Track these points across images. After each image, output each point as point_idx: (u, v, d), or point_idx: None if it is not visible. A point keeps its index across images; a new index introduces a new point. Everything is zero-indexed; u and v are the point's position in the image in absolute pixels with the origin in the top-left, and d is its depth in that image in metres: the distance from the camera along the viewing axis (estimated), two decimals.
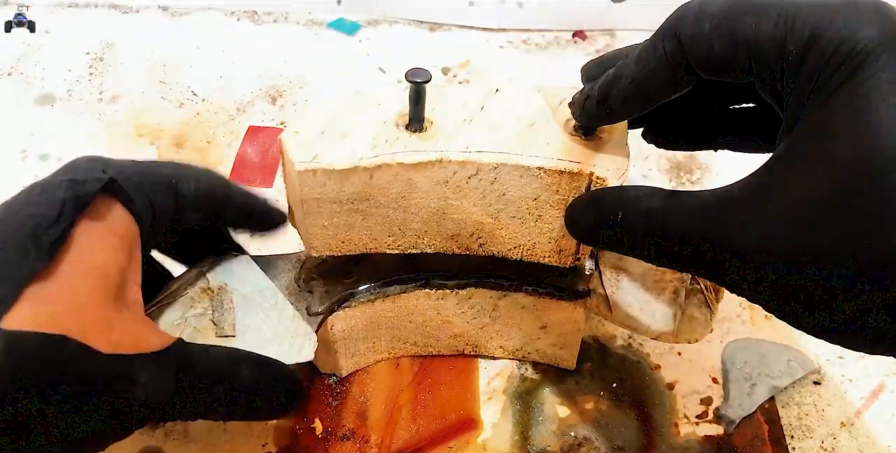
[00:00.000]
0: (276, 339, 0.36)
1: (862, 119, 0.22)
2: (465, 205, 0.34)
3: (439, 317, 0.41)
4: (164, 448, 0.40)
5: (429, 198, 0.34)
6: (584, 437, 0.41)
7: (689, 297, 0.36)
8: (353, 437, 0.40)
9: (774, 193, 0.24)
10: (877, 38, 0.23)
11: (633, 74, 0.28)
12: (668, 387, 0.43)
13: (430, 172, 0.32)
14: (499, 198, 0.34)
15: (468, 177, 0.33)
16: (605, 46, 0.65)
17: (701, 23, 0.26)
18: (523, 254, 0.36)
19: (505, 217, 0.34)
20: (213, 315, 0.36)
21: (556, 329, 0.41)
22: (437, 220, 0.35)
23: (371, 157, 0.32)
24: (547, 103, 0.35)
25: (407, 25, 0.67)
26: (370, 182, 0.32)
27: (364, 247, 0.36)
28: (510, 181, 0.33)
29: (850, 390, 0.43)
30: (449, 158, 0.32)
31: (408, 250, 0.36)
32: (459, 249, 0.37)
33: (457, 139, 0.33)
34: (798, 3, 0.25)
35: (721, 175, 0.54)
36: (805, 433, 0.41)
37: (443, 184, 0.33)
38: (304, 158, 0.31)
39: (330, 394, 0.42)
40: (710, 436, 0.41)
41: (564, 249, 0.35)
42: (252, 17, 0.67)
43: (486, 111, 0.34)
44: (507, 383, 0.43)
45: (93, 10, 0.67)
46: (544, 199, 0.33)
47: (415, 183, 0.33)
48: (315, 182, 0.32)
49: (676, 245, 0.27)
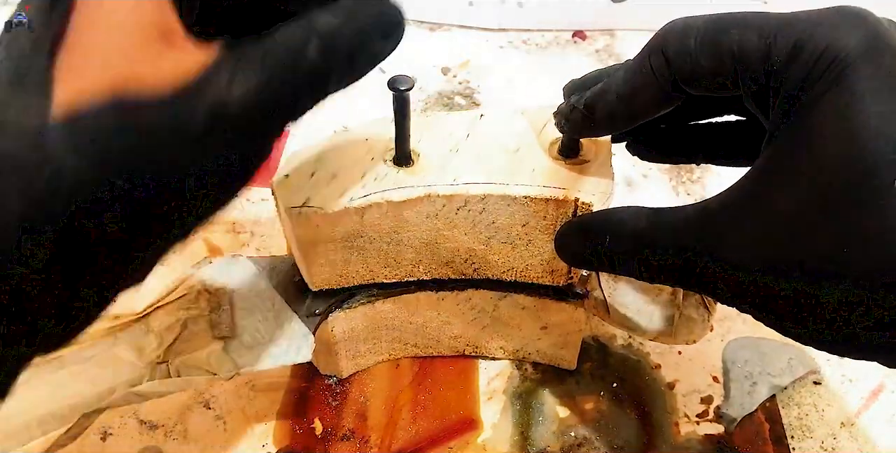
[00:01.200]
0: (273, 340, 0.36)
1: (848, 125, 0.22)
2: (456, 235, 0.35)
3: (439, 318, 0.41)
4: (164, 448, 0.40)
5: (420, 230, 0.34)
6: (585, 437, 0.40)
7: (686, 298, 0.36)
8: (353, 437, 0.40)
9: (761, 203, 0.24)
10: (860, 45, 0.23)
11: (619, 90, 0.28)
12: (668, 387, 0.43)
13: (419, 207, 0.33)
14: (488, 226, 0.34)
15: (457, 209, 0.33)
16: (605, 46, 0.65)
17: (686, 38, 0.26)
18: (517, 275, 0.37)
19: (496, 243, 0.35)
20: (210, 315, 0.36)
21: (557, 329, 0.41)
22: (430, 250, 0.35)
23: (361, 198, 0.32)
24: (531, 126, 0.35)
25: (407, 25, 0.67)
26: (362, 221, 0.33)
27: (362, 279, 0.37)
28: (498, 210, 0.33)
29: (850, 390, 0.43)
30: (437, 193, 0.33)
31: (405, 278, 0.37)
32: (455, 274, 0.37)
33: (444, 172, 0.33)
34: (782, 15, 0.25)
35: (722, 175, 0.54)
36: (805, 433, 0.41)
37: (433, 217, 0.34)
38: (295, 203, 0.32)
39: (330, 395, 0.42)
40: (711, 435, 0.41)
41: (557, 270, 0.36)
42: None
43: (472, 139, 0.35)
44: (507, 383, 0.43)
45: None
46: (533, 225, 0.34)
47: (405, 218, 0.33)
48: (308, 225, 0.33)
49: (665, 261, 0.27)
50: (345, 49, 0.24)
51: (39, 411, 0.32)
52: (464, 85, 0.61)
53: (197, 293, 0.36)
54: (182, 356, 0.35)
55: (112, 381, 0.34)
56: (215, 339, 0.35)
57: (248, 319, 0.36)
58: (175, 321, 0.35)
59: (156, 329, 0.35)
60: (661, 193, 0.53)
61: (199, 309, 0.36)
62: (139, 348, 0.35)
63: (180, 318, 0.35)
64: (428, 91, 0.60)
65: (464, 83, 0.61)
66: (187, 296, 0.36)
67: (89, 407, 0.33)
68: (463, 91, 0.60)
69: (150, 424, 0.40)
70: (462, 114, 0.37)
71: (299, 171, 0.33)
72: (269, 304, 0.37)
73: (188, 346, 0.35)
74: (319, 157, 0.34)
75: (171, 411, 0.41)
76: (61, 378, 0.34)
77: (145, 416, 0.41)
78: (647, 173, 0.54)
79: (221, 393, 0.42)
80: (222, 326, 0.35)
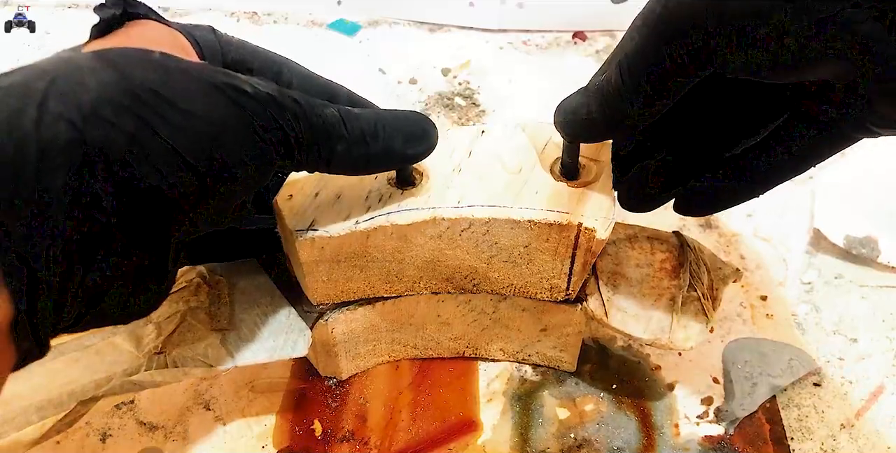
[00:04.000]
0: (271, 334, 0.36)
1: None
2: (458, 254, 0.35)
3: (439, 320, 0.41)
4: (163, 448, 0.40)
5: (423, 250, 0.34)
6: (584, 439, 0.40)
7: (685, 305, 0.37)
8: (353, 439, 0.40)
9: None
10: None
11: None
12: (668, 388, 0.43)
13: (424, 229, 0.33)
14: (490, 246, 0.34)
15: (461, 230, 0.34)
16: (605, 47, 0.65)
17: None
18: (516, 292, 0.37)
19: (497, 262, 0.35)
20: (210, 308, 0.36)
21: (557, 331, 0.41)
22: (432, 267, 0.36)
23: (366, 221, 0.32)
24: (532, 144, 0.35)
25: (407, 26, 0.67)
26: (366, 242, 0.33)
27: (363, 294, 0.37)
28: (501, 232, 0.34)
29: (849, 392, 0.43)
30: (442, 216, 0.33)
31: (405, 293, 0.38)
32: (455, 290, 0.38)
33: (447, 193, 0.33)
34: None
35: None
36: (805, 434, 0.41)
37: (437, 238, 0.34)
38: (300, 226, 0.32)
39: (329, 396, 0.42)
40: (711, 436, 0.41)
41: (555, 287, 0.37)
42: (252, 18, 0.67)
43: (474, 158, 0.35)
44: (506, 385, 0.43)
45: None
46: (535, 246, 0.34)
47: (409, 239, 0.34)
48: (313, 247, 0.33)
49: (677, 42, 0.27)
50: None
51: (37, 397, 0.33)
52: (464, 85, 0.61)
53: (197, 285, 0.36)
54: (180, 347, 0.35)
55: (109, 370, 0.34)
56: (214, 331, 0.35)
57: (246, 312, 0.36)
58: (174, 312, 0.36)
59: (155, 319, 0.35)
60: None
61: (198, 301, 0.36)
62: (137, 338, 0.35)
63: (180, 310, 0.36)
64: (428, 92, 0.60)
65: (464, 84, 0.61)
66: (187, 288, 0.36)
67: (86, 395, 0.33)
68: (463, 92, 0.60)
69: (150, 425, 0.40)
70: (463, 129, 0.37)
71: (303, 191, 0.33)
72: (268, 298, 0.37)
73: (186, 338, 0.35)
74: (322, 176, 0.34)
75: (170, 412, 0.41)
76: (59, 365, 0.34)
77: (145, 417, 0.41)
78: None
79: (221, 394, 0.42)
80: (221, 319, 0.35)
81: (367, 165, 0.30)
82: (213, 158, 0.25)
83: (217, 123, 0.25)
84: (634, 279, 0.38)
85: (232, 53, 0.32)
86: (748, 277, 0.48)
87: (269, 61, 0.33)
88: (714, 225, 0.51)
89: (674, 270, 0.38)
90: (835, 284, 0.48)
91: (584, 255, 0.34)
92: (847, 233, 0.49)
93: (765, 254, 0.50)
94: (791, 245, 0.50)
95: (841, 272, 0.48)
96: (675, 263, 0.38)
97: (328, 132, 0.28)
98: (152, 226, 0.24)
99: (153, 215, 0.24)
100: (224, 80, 0.25)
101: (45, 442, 0.33)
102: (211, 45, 0.31)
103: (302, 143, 0.27)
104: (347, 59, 0.63)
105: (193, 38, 0.30)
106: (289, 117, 0.27)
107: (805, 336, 0.45)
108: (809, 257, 0.49)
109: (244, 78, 0.26)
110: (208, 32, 0.31)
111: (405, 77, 0.62)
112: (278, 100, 0.26)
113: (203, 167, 0.24)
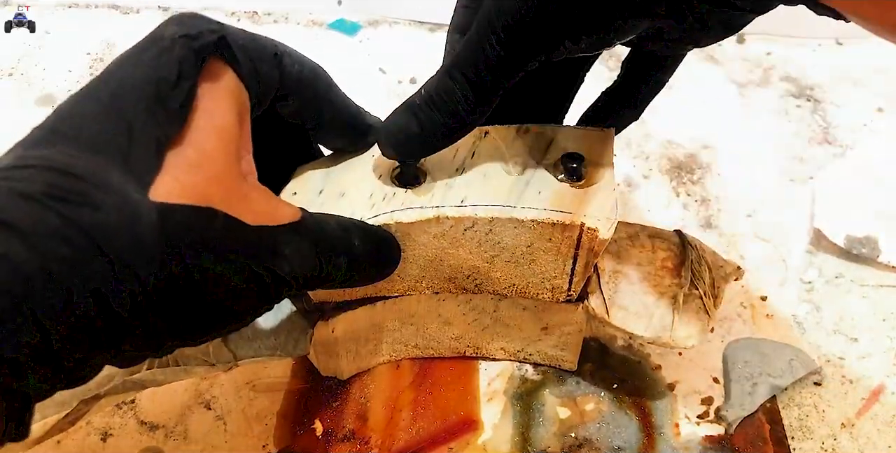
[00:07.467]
0: (273, 333, 0.36)
1: None
2: (461, 253, 0.35)
3: (440, 319, 0.41)
4: (164, 448, 0.40)
5: (426, 249, 0.34)
6: (585, 438, 0.41)
7: (686, 303, 0.37)
8: (354, 438, 0.40)
9: None
10: None
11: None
12: (668, 388, 0.43)
13: (427, 228, 0.33)
14: (493, 245, 0.34)
15: (464, 229, 0.33)
16: None
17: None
18: (517, 292, 0.37)
19: (500, 261, 0.35)
20: None
21: (558, 330, 0.41)
22: (434, 267, 0.36)
23: (370, 218, 0.32)
24: (535, 145, 0.35)
25: (407, 26, 0.67)
26: None
27: (364, 293, 0.37)
28: (504, 232, 0.34)
29: (850, 391, 0.43)
30: (446, 215, 0.33)
31: (406, 292, 0.37)
32: (456, 289, 0.38)
33: (451, 193, 0.33)
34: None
35: (722, 175, 0.54)
36: (805, 434, 0.41)
37: (440, 237, 0.34)
38: None
39: (330, 395, 0.42)
40: (712, 436, 0.41)
41: (557, 287, 0.37)
42: (252, 18, 0.67)
43: (477, 158, 0.35)
44: (507, 384, 0.43)
45: (93, 10, 0.67)
46: (538, 246, 0.34)
47: (413, 237, 0.34)
48: None
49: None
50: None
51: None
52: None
53: None
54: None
55: (111, 369, 0.34)
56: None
57: None
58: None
59: None
60: (662, 193, 0.53)
61: None
62: None
63: None
64: None
65: None
66: None
67: (88, 394, 0.33)
68: None
69: (151, 425, 0.40)
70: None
71: (307, 188, 0.33)
72: None
73: None
74: (327, 174, 0.34)
75: (171, 412, 0.41)
76: None
77: (146, 417, 0.41)
78: (648, 174, 0.54)
79: (222, 393, 0.42)
80: None
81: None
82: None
83: (245, 309, 0.27)
84: (636, 277, 0.38)
85: (284, 89, 0.30)
86: (748, 277, 0.48)
87: (315, 100, 0.32)
88: (714, 224, 0.51)
89: (675, 269, 0.38)
90: (835, 284, 0.48)
91: (587, 255, 0.34)
92: (847, 233, 0.49)
93: (765, 253, 0.50)
94: (791, 245, 0.50)
95: (841, 272, 0.49)
96: (677, 262, 0.38)
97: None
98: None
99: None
100: (266, 264, 0.26)
101: (46, 441, 0.33)
102: (269, 83, 0.29)
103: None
104: (348, 59, 0.63)
105: (256, 78, 0.28)
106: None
107: (805, 336, 0.45)
108: (810, 257, 0.50)
109: (287, 252, 0.27)
110: (272, 68, 0.29)
111: (405, 77, 0.62)
112: (301, 283, 0.28)
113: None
